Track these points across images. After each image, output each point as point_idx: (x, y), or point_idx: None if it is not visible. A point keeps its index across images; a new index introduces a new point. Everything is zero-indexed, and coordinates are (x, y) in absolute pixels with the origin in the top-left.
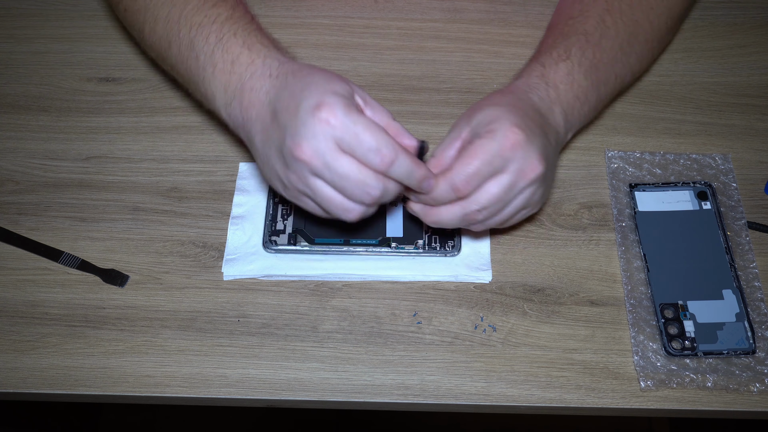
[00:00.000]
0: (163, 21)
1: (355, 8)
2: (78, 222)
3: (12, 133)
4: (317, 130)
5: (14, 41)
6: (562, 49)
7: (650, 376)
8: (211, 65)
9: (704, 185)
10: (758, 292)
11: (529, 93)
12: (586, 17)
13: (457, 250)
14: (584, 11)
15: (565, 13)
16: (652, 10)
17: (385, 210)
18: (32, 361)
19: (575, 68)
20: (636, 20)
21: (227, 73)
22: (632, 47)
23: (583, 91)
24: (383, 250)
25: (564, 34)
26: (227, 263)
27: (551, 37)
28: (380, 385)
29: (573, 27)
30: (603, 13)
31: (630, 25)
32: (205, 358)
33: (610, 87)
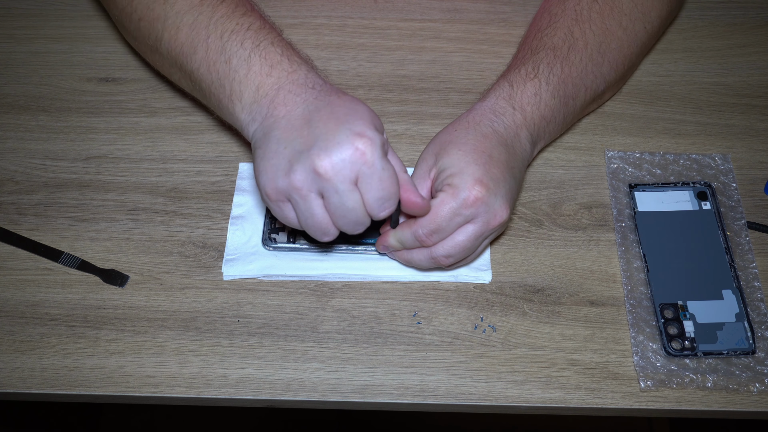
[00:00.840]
0: (187, 28)
1: (355, 8)
2: (78, 222)
3: (12, 133)
4: (348, 156)
5: (14, 41)
6: (530, 67)
7: (650, 377)
8: (245, 68)
9: (704, 185)
10: (758, 292)
11: (494, 124)
12: (554, 29)
13: None
14: (553, 23)
15: (535, 24)
16: (625, 15)
17: None
18: (32, 362)
19: (542, 87)
20: (607, 28)
21: (264, 75)
22: (604, 56)
23: (550, 110)
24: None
25: (533, 48)
26: (227, 263)
27: (521, 51)
28: (380, 385)
29: (541, 41)
30: (571, 24)
31: (600, 35)
32: (205, 358)
33: (580, 100)
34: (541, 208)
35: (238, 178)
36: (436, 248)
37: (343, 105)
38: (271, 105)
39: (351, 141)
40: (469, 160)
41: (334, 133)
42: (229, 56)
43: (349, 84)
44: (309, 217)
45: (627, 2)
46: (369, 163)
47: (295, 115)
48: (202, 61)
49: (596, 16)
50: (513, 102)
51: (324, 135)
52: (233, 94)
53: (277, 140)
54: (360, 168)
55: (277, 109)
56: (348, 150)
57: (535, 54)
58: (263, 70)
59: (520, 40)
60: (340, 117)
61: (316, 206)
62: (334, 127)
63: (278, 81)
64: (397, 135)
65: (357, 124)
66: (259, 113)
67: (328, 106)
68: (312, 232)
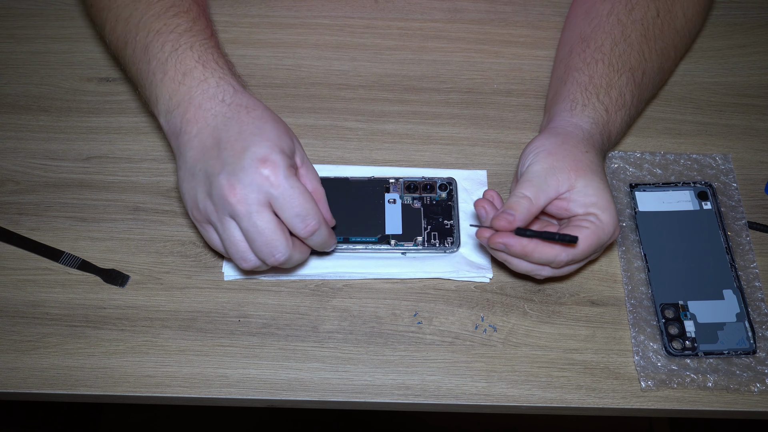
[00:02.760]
0: (123, 22)
1: (355, 8)
2: (78, 222)
3: (12, 133)
4: (255, 181)
5: (14, 41)
6: (618, 92)
7: (651, 376)
8: (161, 72)
9: (704, 185)
10: (759, 292)
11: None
12: (629, 46)
13: (456, 246)
14: (626, 37)
15: (606, 31)
16: (678, 33)
17: (384, 208)
18: (33, 361)
19: (625, 117)
20: (665, 48)
21: (176, 83)
22: (660, 77)
23: (621, 131)
24: (383, 247)
25: (615, 67)
26: (228, 264)
27: (601, 63)
28: (381, 385)
29: (621, 59)
30: (642, 41)
31: (660, 56)
32: (206, 358)
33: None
34: None
35: None
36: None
37: (251, 123)
38: (184, 120)
39: (255, 166)
40: (609, 197)
41: (240, 157)
42: (150, 57)
43: (350, 84)
44: (227, 240)
45: (680, 19)
46: (276, 185)
47: (206, 134)
48: (130, 58)
49: (659, 34)
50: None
51: (231, 159)
52: (151, 97)
53: (192, 161)
54: (268, 191)
55: (190, 126)
56: (253, 175)
57: (620, 76)
58: (176, 78)
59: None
60: (246, 139)
61: (233, 228)
62: (240, 152)
63: (189, 91)
64: (397, 135)
65: (261, 148)
66: (174, 125)
67: (237, 124)
68: (232, 255)
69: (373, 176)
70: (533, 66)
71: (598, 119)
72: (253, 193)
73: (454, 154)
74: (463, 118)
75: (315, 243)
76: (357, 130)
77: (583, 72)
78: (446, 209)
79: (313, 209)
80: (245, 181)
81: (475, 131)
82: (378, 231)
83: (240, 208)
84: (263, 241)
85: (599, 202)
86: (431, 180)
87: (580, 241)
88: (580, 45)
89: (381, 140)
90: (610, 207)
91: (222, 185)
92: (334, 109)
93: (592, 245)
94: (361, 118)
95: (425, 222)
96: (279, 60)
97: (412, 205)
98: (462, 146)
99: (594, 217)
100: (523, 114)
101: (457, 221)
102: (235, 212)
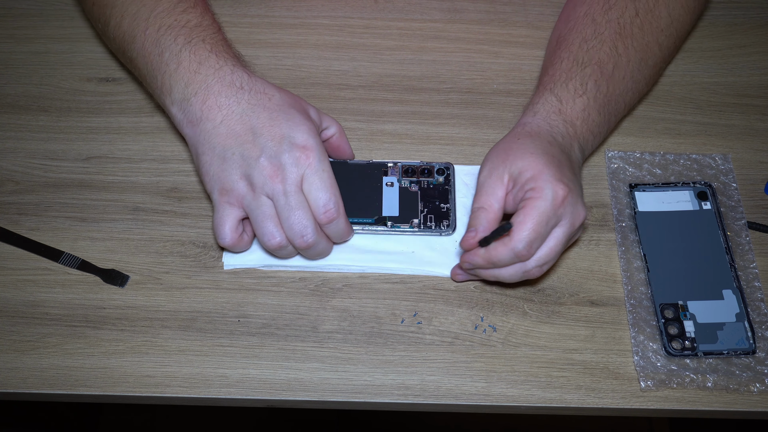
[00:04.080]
0: (130, 17)
1: (355, 8)
2: (78, 222)
3: (12, 133)
4: (296, 161)
5: (14, 41)
6: (578, 83)
7: (650, 376)
8: (175, 62)
9: (704, 185)
10: (758, 292)
11: (553, 134)
12: (600, 42)
13: (452, 229)
14: (598, 34)
15: (578, 31)
16: (662, 32)
17: (382, 190)
18: (32, 361)
19: (590, 104)
20: (647, 44)
21: (192, 72)
22: (642, 73)
23: (596, 126)
24: (379, 228)
25: (579, 61)
26: (227, 253)
27: (566, 59)
28: (380, 385)
29: (588, 53)
30: (616, 38)
31: (641, 51)
32: (206, 358)
33: (619, 116)
34: None
35: None
36: (530, 261)
37: (278, 110)
38: (204, 107)
39: (296, 151)
40: (544, 162)
41: (279, 143)
42: (162, 50)
43: (350, 84)
44: (259, 217)
45: (665, 18)
46: (312, 167)
47: (234, 121)
48: (139, 51)
49: (638, 31)
50: (564, 116)
51: (270, 144)
52: (164, 87)
53: (222, 146)
54: (304, 171)
55: (212, 113)
56: (295, 158)
57: (582, 69)
58: (191, 67)
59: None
60: (281, 126)
61: (267, 207)
62: (279, 138)
63: (205, 79)
64: (397, 135)
65: (300, 135)
66: (192, 113)
67: (265, 111)
68: (261, 233)
69: (372, 160)
70: (533, 66)
71: (545, 110)
72: (293, 174)
73: (454, 154)
74: (462, 118)
75: (332, 233)
76: (357, 130)
77: (547, 72)
78: (443, 193)
79: (336, 200)
80: (287, 164)
81: (475, 131)
82: (375, 213)
83: (281, 187)
84: (296, 219)
85: (530, 172)
86: (429, 165)
87: (520, 220)
88: (555, 48)
89: (381, 140)
90: (543, 174)
91: (264, 167)
92: (334, 109)
93: (536, 219)
94: (360, 118)
95: (422, 205)
96: (279, 60)
97: (409, 189)
98: (462, 146)
99: (531, 191)
100: None
101: (453, 205)
102: (275, 192)
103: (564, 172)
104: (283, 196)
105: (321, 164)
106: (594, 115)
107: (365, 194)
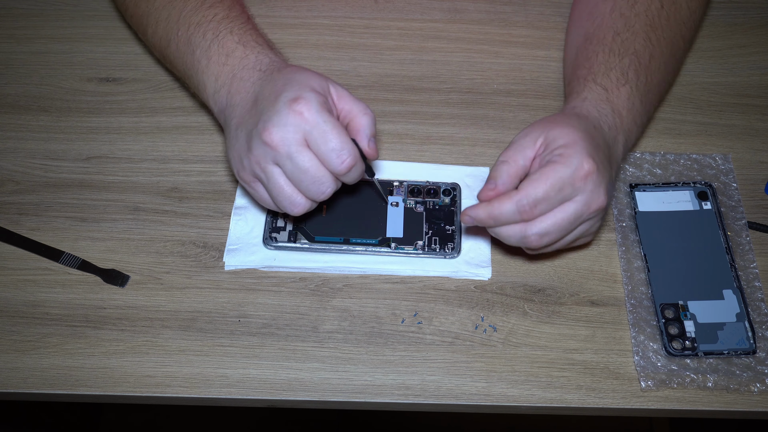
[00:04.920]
0: (164, 22)
1: (355, 8)
2: (78, 222)
3: (12, 133)
4: (289, 120)
5: (14, 41)
6: (620, 72)
7: (651, 376)
8: (206, 58)
9: (704, 185)
10: (758, 292)
11: (600, 121)
12: (633, 34)
13: (456, 252)
14: (629, 27)
15: (609, 25)
16: (684, 24)
17: (386, 210)
18: (33, 361)
19: (634, 93)
20: (673, 36)
21: (221, 65)
22: (671, 65)
23: (640, 115)
24: (383, 250)
25: (616, 52)
26: (229, 253)
27: (602, 53)
28: (381, 385)
29: (623, 45)
30: (648, 29)
31: (670, 43)
32: (206, 358)
33: (656, 107)
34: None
35: None
36: (533, 225)
37: (283, 76)
38: (229, 95)
39: (288, 106)
40: (581, 136)
41: (273, 103)
42: (194, 48)
43: (350, 84)
44: (274, 187)
45: (685, 10)
46: (310, 121)
47: (246, 99)
48: (175, 54)
49: (665, 23)
50: (612, 105)
51: (266, 108)
52: (199, 85)
53: (235, 127)
54: (303, 127)
55: (233, 98)
56: (286, 114)
57: (621, 59)
58: (220, 60)
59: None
60: (278, 88)
61: (278, 176)
62: (273, 99)
63: (232, 69)
64: (397, 135)
65: (293, 90)
66: (221, 103)
67: (271, 82)
68: (282, 205)
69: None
70: (533, 66)
71: (593, 97)
72: (289, 133)
73: (454, 154)
74: (463, 118)
75: (351, 179)
76: None
77: (584, 67)
78: (449, 214)
79: (348, 143)
80: (280, 123)
81: (475, 131)
82: (379, 233)
83: (280, 150)
84: (310, 179)
85: (564, 140)
86: (435, 185)
87: (534, 178)
88: (584, 44)
89: (381, 140)
90: (576, 144)
91: (259, 132)
92: None
93: (550, 181)
94: None
95: (427, 226)
96: None
97: (414, 209)
98: (462, 146)
99: (558, 156)
100: (523, 114)
101: (458, 227)
102: (277, 156)
103: (599, 153)
104: (288, 159)
105: (320, 116)
106: (638, 104)
107: (369, 214)
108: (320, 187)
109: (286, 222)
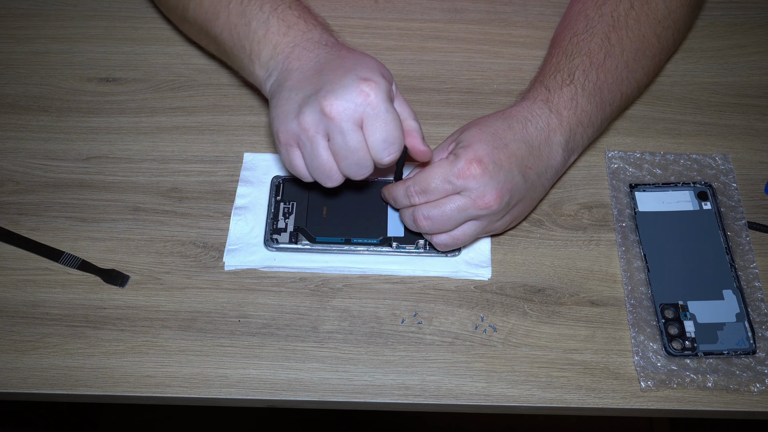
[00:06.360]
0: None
1: (355, 8)
2: (78, 222)
3: (12, 133)
4: (354, 98)
5: (14, 41)
6: (566, 73)
7: (651, 377)
8: (264, 29)
9: (704, 185)
10: (758, 292)
11: (527, 122)
12: (591, 35)
13: (457, 251)
14: (590, 28)
15: (570, 27)
16: (660, 24)
17: (387, 210)
18: (33, 362)
19: (579, 92)
20: (643, 35)
21: (281, 35)
22: (639, 63)
23: (587, 115)
24: (384, 249)
25: (568, 53)
26: (229, 253)
27: (556, 55)
28: (381, 385)
29: (578, 46)
30: (608, 30)
31: (636, 41)
32: (206, 358)
33: (615, 106)
34: (541, 208)
35: (243, 169)
36: (420, 207)
37: (352, 56)
38: (287, 60)
39: (357, 84)
40: (482, 138)
41: (341, 78)
42: (249, 19)
43: None
44: (315, 158)
45: (662, 10)
46: (373, 105)
47: (308, 67)
48: (224, 26)
49: (633, 23)
50: (550, 105)
51: (331, 80)
52: (252, 53)
53: (289, 89)
54: (364, 110)
55: (292, 63)
56: (353, 92)
57: (571, 60)
58: (280, 30)
59: (552, 40)
60: (347, 65)
61: (322, 147)
62: (342, 74)
63: (294, 39)
64: None
65: (363, 71)
66: (275, 69)
67: (338, 59)
68: (318, 175)
69: (378, 178)
70: (533, 66)
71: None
72: (349, 110)
73: None
74: (463, 118)
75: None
76: None
77: (540, 69)
78: None
79: (400, 138)
80: (345, 97)
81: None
82: (380, 233)
83: (335, 121)
84: (355, 159)
85: (465, 142)
86: None
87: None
88: (549, 48)
89: None
90: (473, 146)
91: (319, 99)
92: None
93: (432, 172)
94: None
95: None
96: None
97: None
98: None
99: (453, 155)
100: None
101: None
102: (330, 126)
103: (496, 156)
104: (340, 135)
105: (384, 105)
106: (583, 103)
107: (370, 213)
108: (361, 170)
109: (287, 223)
